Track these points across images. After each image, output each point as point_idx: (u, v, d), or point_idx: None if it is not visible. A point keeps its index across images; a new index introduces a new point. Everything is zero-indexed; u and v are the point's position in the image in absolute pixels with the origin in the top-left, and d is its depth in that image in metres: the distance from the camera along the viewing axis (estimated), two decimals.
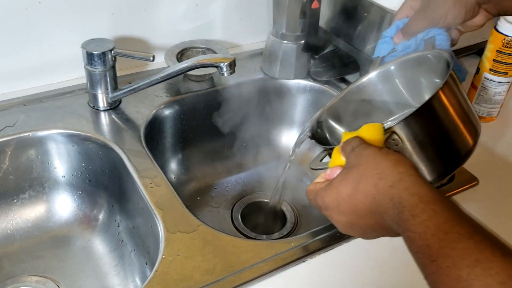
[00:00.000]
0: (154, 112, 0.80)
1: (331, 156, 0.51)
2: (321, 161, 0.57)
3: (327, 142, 0.62)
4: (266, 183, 0.90)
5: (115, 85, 0.78)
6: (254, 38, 0.99)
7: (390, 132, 0.49)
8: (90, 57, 0.73)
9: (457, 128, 0.51)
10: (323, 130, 0.62)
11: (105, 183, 0.77)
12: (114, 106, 0.80)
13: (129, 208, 0.74)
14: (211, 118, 0.88)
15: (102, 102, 0.78)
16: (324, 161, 0.56)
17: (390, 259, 0.60)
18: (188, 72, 0.75)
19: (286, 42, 0.86)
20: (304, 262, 0.60)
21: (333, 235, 0.63)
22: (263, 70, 0.91)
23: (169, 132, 0.85)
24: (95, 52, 0.73)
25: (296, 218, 0.84)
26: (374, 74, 0.63)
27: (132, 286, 0.71)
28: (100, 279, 0.72)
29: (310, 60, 0.91)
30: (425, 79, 0.60)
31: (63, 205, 0.78)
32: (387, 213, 0.42)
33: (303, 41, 0.86)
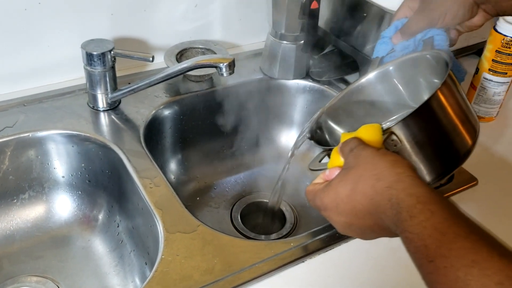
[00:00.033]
0: (153, 112, 0.80)
1: (330, 157, 0.51)
2: (320, 161, 0.57)
3: (327, 143, 0.62)
4: (265, 183, 0.90)
5: (115, 85, 0.78)
6: (254, 38, 0.99)
7: (388, 132, 0.49)
8: (89, 57, 0.74)
9: (456, 128, 0.51)
10: (322, 131, 0.62)
11: (104, 183, 0.77)
12: (113, 107, 0.80)
13: (128, 208, 0.74)
14: (211, 118, 0.88)
15: (101, 102, 0.78)
16: (323, 161, 0.56)
17: (389, 259, 0.60)
18: (187, 72, 0.75)
19: (285, 42, 0.86)
20: (303, 262, 0.60)
21: (332, 235, 0.63)
22: (263, 70, 0.91)
23: (168, 132, 0.85)
24: (95, 52, 0.73)
25: (295, 218, 0.84)
26: (373, 75, 0.63)
27: (131, 286, 0.71)
28: (100, 279, 0.72)
29: (310, 60, 0.91)
30: (424, 80, 0.60)
31: (63, 205, 0.78)
32: (385, 213, 0.42)
33: (302, 41, 0.86)
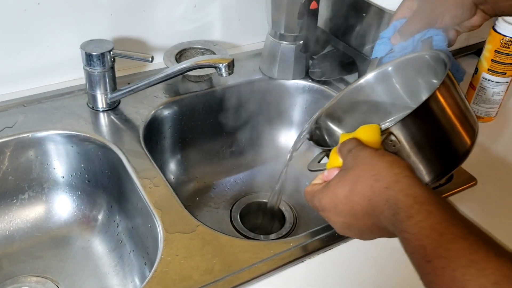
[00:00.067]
0: (153, 112, 0.81)
1: (329, 157, 0.51)
2: (319, 162, 0.57)
3: (326, 143, 0.62)
4: (265, 184, 0.90)
5: (114, 85, 0.78)
6: (253, 38, 0.99)
7: (387, 133, 0.49)
8: (89, 58, 0.74)
9: (454, 128, 0.51)
10: (322, 131, 0.62)
11: (104, 184, 0.77)
12: (113, 107, 0.80)
13: (128, 208, 0.74)
14: (210, 118, 0.88)
15: (101, 102, 0.78)
16: (322, 162, 0.57)
17: (388, 259, 0.60)
18: (187, 72, 0.75)
19: (284, 42, 0.86)
20: (302, 262, 0.60)
21: (331, 235, 0.63)
22: (262, 70, 0.91)
23: (168, 132, 0.85)
24: (94, 53, 0.73)
25: (295, 218, 0.84)
26: (371, 75, 0.63)
27: (131, 286, 0.71)
28: (99, 279, 0.72)
29: (309, 60, 0.91)
30: (422, 80, 0.60)
31: (63, 205, 0.78)
32: (383, 214, 0.42)
33: (302, 41, 0.86)
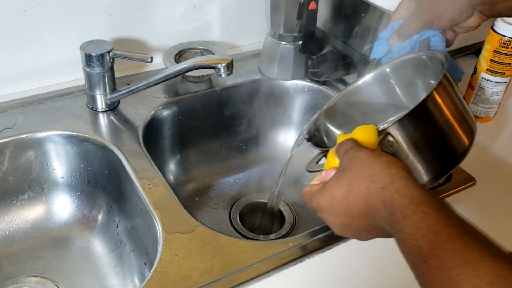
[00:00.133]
0: (152, 113, 0.81)
1: (326, 158, 0.52)
2: (317, 163, 0.57)
3: (325, 144, 0.62)
4: (264, 184, 0.90)
5: (114, 86, 0.78)
6: (252, 39, 0.99)
7: (384, 133, 0.49)
8: (88, 58, 0.74)
9: (452, 128, 0.52)
10: (320, 132, 0.63)
11: (104, 184, 0.77)
12: (112, 107, 0.80)
13: (127, 208, 0.74)
14: (209, 119, 0.88)
15: (100, 103, 0.79)
16: (320, 163, 0.57)
17: (388, 259, 0.61)
18: (186, 73, 0.76)
19: (283, 43, 0.86)
20: (301, 262, 0.60)
21: (330, 235, 0.63)
22: (261, 71, 0.92)
23: (167, 133, 0.85)
24: (94, 53, 0.73)
25: (294, 219, 0.85)
26: (369, 77, 0.63)
27: (131, 286, 0.71)
28: (99, 280, 0.73)
29: (308, 60, 0.91)
30: (420, 81, 0.60)
31: (62, 206, 0.78)
32: (380, 214, 0.43)
33: (301, 42, 0.86)
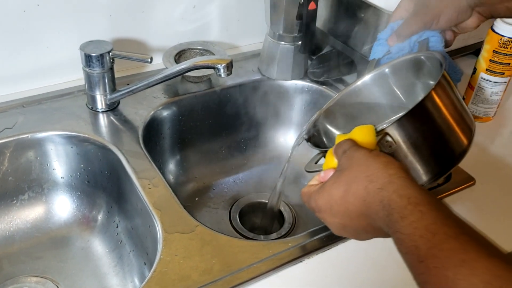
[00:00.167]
0: (152, 113, 0.81)
1: (325, 158, 0.52)
2: (316, 163, 0.58)
3: (324, 144, 0.62)
4: (264, 184, 0.90)
5: (113, 86, 0.78)
6: (252, 39, 0.99)
7: (383, 134, 0.49)
8: (88, 59, 0.74)
9: (451, 128, 0.52)
10: (320, 133, 0.63)
11: (103, 184, 0.77)
12: (112, 108, 0.80)
13: (127, 209, 0.74)
14: (209, 119, 0.88)
15: (100, 103, 0.79)
16: (319, 163, 0.57)
17: (387, 259, 0.61)
18: (186, 73, 0.76)
19: (283, 43, 0.86)
20: (301, 262, 0.60)
21: (330, 235, 0.63)
22: (261, 71, 0.92)
23: (167, 133, 0.85)
24: (93, 54, 0.73)
25: (294, 218, 0.85)
26: (368, 77, 0.63)
27: (131, 286, 0.71)
28: (99, 280, 0.73)
29: (308, 61, 0.91)
30: (419, 81, 0.60)
31: (62, 206, 0.78)
32: (378, 215, 0.43)
33: (300, 42, 0.86)
